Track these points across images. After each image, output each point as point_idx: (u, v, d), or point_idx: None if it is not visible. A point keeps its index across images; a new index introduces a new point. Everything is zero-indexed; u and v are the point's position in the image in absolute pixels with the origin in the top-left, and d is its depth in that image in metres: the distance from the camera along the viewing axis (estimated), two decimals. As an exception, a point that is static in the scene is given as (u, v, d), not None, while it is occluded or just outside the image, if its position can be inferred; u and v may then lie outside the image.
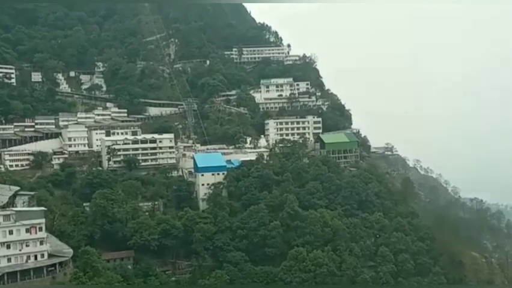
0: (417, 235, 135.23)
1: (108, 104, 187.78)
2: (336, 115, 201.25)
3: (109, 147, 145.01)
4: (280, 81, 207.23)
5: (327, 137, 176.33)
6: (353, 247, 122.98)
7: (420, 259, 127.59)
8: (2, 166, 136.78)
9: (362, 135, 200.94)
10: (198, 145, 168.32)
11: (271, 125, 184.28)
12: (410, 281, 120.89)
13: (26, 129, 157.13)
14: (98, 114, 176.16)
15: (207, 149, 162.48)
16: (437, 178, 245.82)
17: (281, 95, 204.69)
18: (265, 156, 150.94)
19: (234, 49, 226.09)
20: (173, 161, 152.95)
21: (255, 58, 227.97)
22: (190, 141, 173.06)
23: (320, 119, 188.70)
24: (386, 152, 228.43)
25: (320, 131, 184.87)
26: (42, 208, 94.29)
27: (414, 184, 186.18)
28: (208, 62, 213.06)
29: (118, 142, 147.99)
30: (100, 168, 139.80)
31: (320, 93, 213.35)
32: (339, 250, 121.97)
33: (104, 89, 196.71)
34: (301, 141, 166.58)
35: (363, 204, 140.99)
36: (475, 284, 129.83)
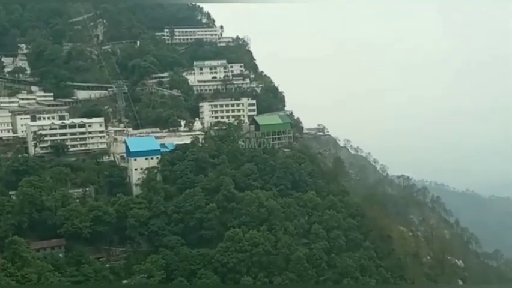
0: (348, 212, 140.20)
1: (33, 88, 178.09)
2: (270, 97, 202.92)
3: (35, 132, 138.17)
4: (214, 63, 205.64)
5: (262, 119, 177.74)
6: (287, 226, 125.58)
7: (351, 235, 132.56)
8: None
9: (295, 117, 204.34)
10: (130, 129, 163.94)
11: (205, 107, 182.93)
12: (342, 256, 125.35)
13: None
14: (22, 99, 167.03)
15: (140, 132, 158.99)
16: (366, 157, 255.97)
17: (215, 77, 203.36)
18: (200, 139, 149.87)
19: (165, 30, 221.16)
20: (104, 146, 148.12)
21: (187, 39, 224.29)
22: (122, 125, 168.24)
23: (254, 101, 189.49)
24: (318, 133, 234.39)
25: (255, 113, 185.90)
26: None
27: (345, 163, 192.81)
28: (138, 43, 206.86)
29: (45, 127, 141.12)
30: (26, 155, 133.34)
31: (253, 76, 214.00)
32: (274, 229, 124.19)
33: (29, 72, 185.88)
34: (236, 124, 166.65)
35: (296, 184, 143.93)
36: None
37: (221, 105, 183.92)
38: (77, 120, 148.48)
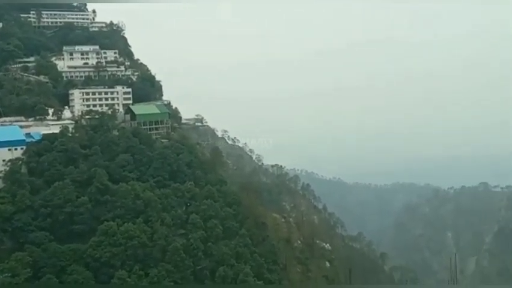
0: (225, 201, 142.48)
1: None
2: (146, 86, 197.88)
3: None
4: (86, 48, 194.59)
5: (138, 108, 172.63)
6: (164, 217, 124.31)
7: (228, 223, 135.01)
8: None
9: (173, 107, 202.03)
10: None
11: (76, 95, 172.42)
12: (219, 244, 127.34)
13: None
14: None
15: (3, 121, 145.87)
16: (243, 147, 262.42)
17: (87, 63, 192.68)
18: (70, 129, 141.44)
19: (31, 12, 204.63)
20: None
21: (56, 23, 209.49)
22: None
23: (129, 90, 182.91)
24: (197, 123, 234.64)
25: (130, 101, 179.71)
26: None
27: (223, 153, 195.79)
28: (1, 25, 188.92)
29: None
30: None
31: (129, 63, 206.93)
32: (150, 221, 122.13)
33: None
34: (110, 113, 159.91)
35: (174, 175, 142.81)
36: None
37: (93, 93, 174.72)
38: None
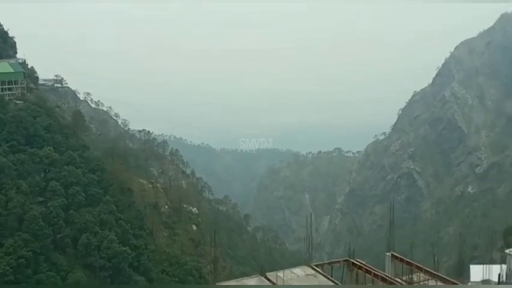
0: (88, 167, 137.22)
1: None
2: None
3: None
4: None
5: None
6: (20, 184, 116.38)
7: (91, 190, 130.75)
8: None
9: (29, 66, 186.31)
10: None
11: None
12: (81, 212, 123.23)
13: None
14: None
15: None
16: (108, 111, 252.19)
17: None
18: None
19: None
20: None
21: None
22: None
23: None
24: (56, 85, 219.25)
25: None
26: None
27: (86, 117, 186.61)
28: None
29: None
30: None
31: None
32: (5, 189, 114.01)
33: None
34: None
35: (31, 139, 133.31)
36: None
37: None
38: None
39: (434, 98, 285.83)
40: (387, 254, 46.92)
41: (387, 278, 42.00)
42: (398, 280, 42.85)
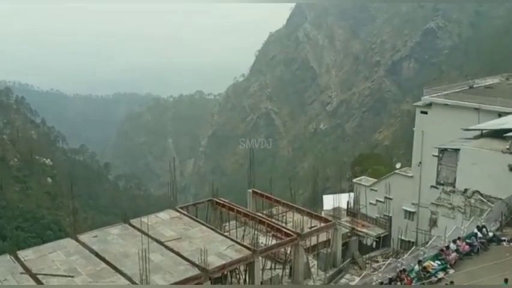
0: None
1: None
2: None
3: None
4: None
5: None
6: None
7: None
8: None
9: None
10: None
11: None
12: None
13: None
14: None
15: None
16: None
17: None
18: None
19: None
20: None
21: None
22: None
23: None
24: None
25: None
26: None
27: None
28: None
29: None
30: None
31: None
32: None
33: None
34: None
35: None
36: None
37: None
38: None
39: (288, 38, 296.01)
40: (249, 190, 48.76)
41: (249, 214, 43.76)
42: (259, 214, 44.91)
